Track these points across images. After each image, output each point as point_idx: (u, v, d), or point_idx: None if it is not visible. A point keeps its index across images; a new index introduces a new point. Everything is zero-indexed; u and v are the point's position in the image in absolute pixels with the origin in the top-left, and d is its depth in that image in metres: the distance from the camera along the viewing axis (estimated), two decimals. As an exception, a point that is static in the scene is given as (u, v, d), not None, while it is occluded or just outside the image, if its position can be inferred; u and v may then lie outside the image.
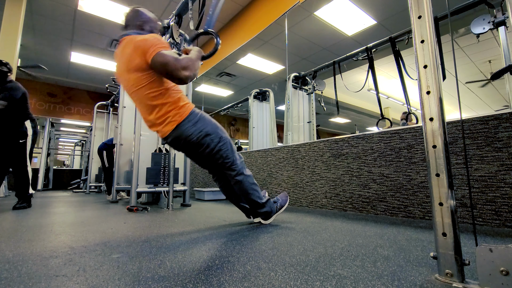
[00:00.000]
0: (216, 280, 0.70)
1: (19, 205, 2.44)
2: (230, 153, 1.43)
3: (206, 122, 1.40)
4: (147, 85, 1.30)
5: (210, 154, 1.39)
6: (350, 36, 4.18)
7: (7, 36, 3.77)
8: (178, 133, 1.35)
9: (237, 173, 1.44)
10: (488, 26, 1.92)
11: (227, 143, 1.43)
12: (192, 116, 1.37)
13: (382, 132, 1.90)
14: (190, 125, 1.35)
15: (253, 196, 1.46)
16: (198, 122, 1.37)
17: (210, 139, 1.38)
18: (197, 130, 1.35)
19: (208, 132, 1.38)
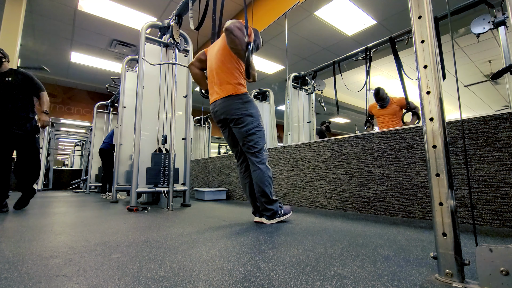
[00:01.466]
0: (216, 280, 0.70)
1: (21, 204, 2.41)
2: (261, 141, 1.60)
3: (253, 106, 1.61)
4: (228, 62, 1.60)
5: (245, 133, 1.57)
6: (350, 36, 4.18)
7: (7, 36, 3.77)
8: (227, 104, 1.58)
9: (260, 161, 1.58)
10: (488, 26, 1.92)
11: (262, 131, 1.61)
12: (245, 96, 1.60)
13: (382, 132, 1.90)
14: (240, 102, 1.57)
15: (266, 188, 1.55)
16: (247, 103, 1.58)
17: (251, 119, 1.57)
18: (244, 108, 1.57)
19: (252, 113, 1.58)
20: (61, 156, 12.77)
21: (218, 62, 1.65)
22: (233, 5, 4.41)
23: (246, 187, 1.70)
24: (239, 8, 4.50)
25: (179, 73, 2.80)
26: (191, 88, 2.91)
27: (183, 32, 2.93)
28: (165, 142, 2.60)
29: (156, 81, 2.83)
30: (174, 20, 2.70)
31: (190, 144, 3.37)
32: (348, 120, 9.71)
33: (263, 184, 1.54)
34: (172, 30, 2.62)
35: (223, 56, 1.62)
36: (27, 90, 2.40)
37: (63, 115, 7.38)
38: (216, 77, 1.65)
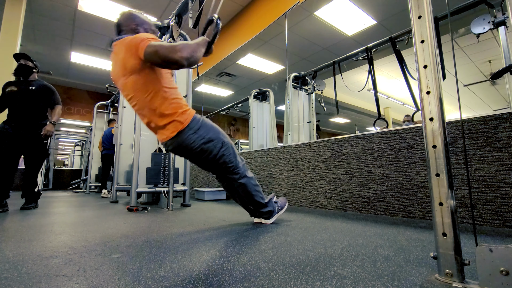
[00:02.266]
0: (216, 280, 0.70)
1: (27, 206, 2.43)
2: (232, 158, 1.44)
3: (208, 128, 1.38)
4: (144, 88, 1.28)
5: (213, 160, 1.39)
6: (350, 36, 4.18)
7: (7, 36, 3.77)
8: (179, 141, 1.32)
9: (240, 177, 1.47)
10: (488, 26, 1.92)
11: (229, 147, 1.43)
12: (193, 123, 1.34)
13: (382, 132, 1.90)
14: (192, 133, 1.33)
15: (256, 197, 1.50)
16: (200, 129, 1.35)
17: (213, 145, 1.37)
18: (200, 137, 1.34)
19: (210, 138, 1.37)
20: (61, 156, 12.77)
21: (139, 95, 1.33)
22: (233, 5, 4.41)
23: (236, 198, 1.60)
24: (239, 8, 4.50)
25: (179, 73, 2.80)
26: (191, 88, 2.91)
27: (183, 32, 2.93)
28: (165, 142, 2.60)
29: (156, 81, 2.83)
30: (174, 20, 2.70)
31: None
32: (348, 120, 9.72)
33: (251, 195, 1.48)
34: (172, 30, 2.62)
35: (141, 82, 1.31)
36: (46, 101, 2.52)
37: (63, 115, 7.37)
38: (147, 114, 1.35)
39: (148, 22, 1.52)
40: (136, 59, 1.24)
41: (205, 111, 5.96)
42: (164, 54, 1.17)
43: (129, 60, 1.25)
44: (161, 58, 1.18)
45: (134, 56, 1.23)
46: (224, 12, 4.57)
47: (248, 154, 3.21)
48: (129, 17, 1.47)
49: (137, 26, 1.45)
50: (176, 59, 1.18)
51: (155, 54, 1.18)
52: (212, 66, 5.37)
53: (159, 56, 1.18)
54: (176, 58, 1.17)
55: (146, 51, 1.20)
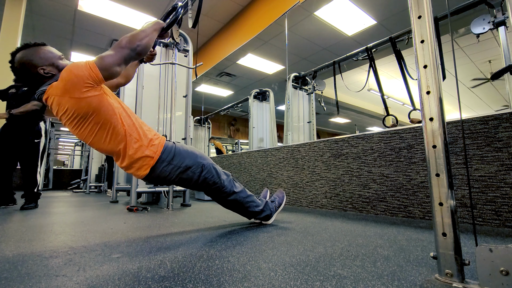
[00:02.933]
0: (216, 280, 0.70)
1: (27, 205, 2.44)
2: (216, 179, 1.34)
3: (182, 156, 1.26)
4: (100, 130, 1.12)
5: (196, 184, 1.32)
6: (350, 36, 4.18)
7: (7, 36, 3.77)
8: (155, 175, 1.22)
9: (228, 194, 1.39)
10: (488, 26, 1.92)
11: (210, 169, 1.32)
12: (165, 154, 1.22)
13: (382, 132, 1.90)
14: (165, 165, 1.21)
15: (250, 208, 1.45)
16: (174, 159, 1.23)
17: (191, 171, 1.27)
18: (175, 167, 1.23)
19: (187, 165, 1.26)
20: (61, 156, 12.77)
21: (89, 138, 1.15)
22: (233, 5, 4.41)
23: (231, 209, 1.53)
24: (239, 8, 4.50)
25: (179, 73, 2.80)
26: (191, 88, 2.91)
27: (183, 32, 2.94)
28: (165, 142, 2.60)
29: (156, 81, 2.83)
30: (174, 20, 2.70)
31: (190, 144, 3.37)
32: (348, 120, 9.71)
33: (245, 208, 1.44)
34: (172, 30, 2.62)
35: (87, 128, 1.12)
36: None
37: (63, 115, 7.36)
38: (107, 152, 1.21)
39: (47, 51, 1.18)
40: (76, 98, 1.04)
41: (205, 111, 5.96)
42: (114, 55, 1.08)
43: (67, 106, 1.05)
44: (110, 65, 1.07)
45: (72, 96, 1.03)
46: (224, 12, 4.58)
47: (248, 154, 3.21)
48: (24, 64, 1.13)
49: (40, 67, 1.13)
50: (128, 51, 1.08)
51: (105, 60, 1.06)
52: (212, 66, 5.37)
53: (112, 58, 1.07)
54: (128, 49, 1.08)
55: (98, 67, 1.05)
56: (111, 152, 1.18)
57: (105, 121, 1.11)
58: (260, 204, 1.50)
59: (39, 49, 1.17)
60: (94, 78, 1.04)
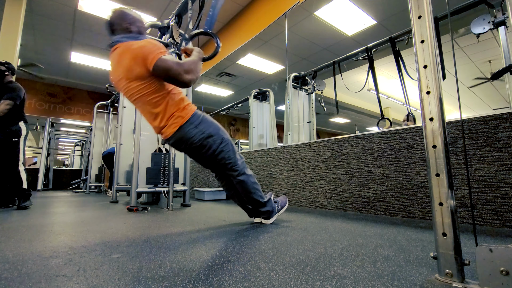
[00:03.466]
0: (216, 280, 0.70)
1: (23, 204, 2.44)
2: (231, 154, 1.45)
3: (208, 124, 1.41)
4: (149, 92, 1.31)
5: (212, 155, 1.40)
6: (350, 36, 4.18)
7: (7, 36, 3.77)
8: (180, 135, 1.35)
9: (239, 173, 1.47)
10: (488, 26, 1.92)
11: (228, 144, 1.44)
12: (194, 118, 1.37)
13: (382, 132, 1.90)
14: (192, 127, 1.35)
15: (255, 195, 1.49)
16: (200, 124, 1.38)
17: (212, 140, 1.39)
18: (200, 132, 1.36)
19: (210, 133, 1.39)
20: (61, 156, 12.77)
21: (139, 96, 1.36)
22: (233, 5, 4.41)
23: (234, 197, 1.62)
24: (239, 8, 4.50)
25: (179, 73, 2.79)
26: (191, 88, 2.90)
27: (183, 32, 2.93)
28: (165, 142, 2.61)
29: (156, 81, 2.83)
30: (174, 20, 2.70)
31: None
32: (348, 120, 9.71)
33: (250, 193, 1.48)
34: (172, 30, 2.62)
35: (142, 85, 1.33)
36: None
37: (63, 115, 7.37)
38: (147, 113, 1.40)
39: (140, 19, 1.53)
40: (143, 68, 1.26)
41: (205, 111, 5.95)
42: (174, 75, 1.24)
43: (135, 68, 1.27)
44: (170, 77, 1.25)
45: (141, 66, 1.26)
46: (224, 12, 4.57)
47: (248, 154, 3.21)
48: (121, 15, 1.50)
49: (130, 25, 1.48)
50: (185, 81, 1.26)
51: (165, 72, 1.24)
52: (212, 66, 5.37)
53: (169, 75, 1.25)
54: (185, 80, 1.26)
55: (156, 65, 1.23)
56: (154, 113, 1.36)
57: (160, 87, 1.33)
58: (265, 197, 1.54)
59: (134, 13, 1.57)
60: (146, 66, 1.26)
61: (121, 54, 1.33)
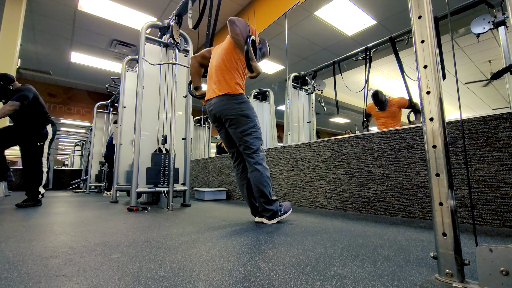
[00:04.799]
0: (216, 280, 0.70)
1: (24, 203, 2.45)
2: (257, 142, 1.57)
3: (249, 107, 1.59)
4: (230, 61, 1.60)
5: (240, 133, 1.55)
6: (350, 36, 4.18)
7: (7, 36, 3.77)
8: (223, 103, 1.55)
9: (256, 162, 1.55)
10: (488, 26, 1.92)
11: (258, 131, 1.59)
12: (240, 97, 1.57)
13: (382, 132, 1.90)
14: (236, 102, 1.55)
15: (265, 189, 1.53)
16: (243, 103, 1.56)
17: (246, 120, 1.55)
18: (239, 108, 1.54)
19: (247, 114, 1.56)
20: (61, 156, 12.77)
21: (219, 60, 1.64)
22: (233, 5, 4.41)
23: (244, 188, 1.68)
24: (239, 8, 4.50)
25: (179, 73, 2.79)
26: (191, 88, 2.90)
27: (183, 32, 2.93)
28: (165, 142, 2.60)
29: (156, 81, 2.83)
30: (174, 20, 2.70)
31: (190, 144, 3.37)
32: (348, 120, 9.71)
33: (261, 184, 1.53)
34: (172, 30, 2.62)
35: (226, 55, 1.62)
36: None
37: (63, 115, 7.37)
38: (215, 75, 1.63)
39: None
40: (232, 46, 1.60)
41: (205, 111, 5.96)
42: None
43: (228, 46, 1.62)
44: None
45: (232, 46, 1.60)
46: (224, 12, 4.57)
47: (248, 154, 3.21)
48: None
49: None
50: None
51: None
52: (212, 66, 5.36)
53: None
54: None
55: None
56: (225, 74, 1.59)
57: (238, 59, 1.60)
58: (273, 196, 1.59)
59: None
60: None
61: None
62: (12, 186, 5.46)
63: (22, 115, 2.48)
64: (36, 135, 2.53)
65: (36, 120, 2.55)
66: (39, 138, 2.54)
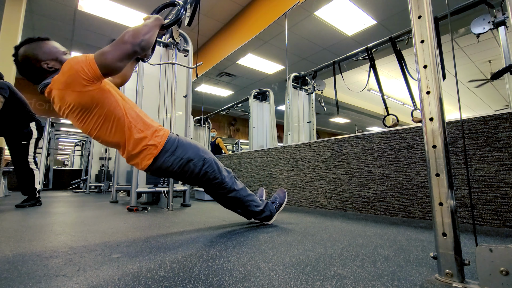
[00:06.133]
0: (216, 280, 0.70)
1: (24, 203, 2.45)
2: (217, 174, 1.35)
3: (185, 148, 1.29)
4: (105, 122, 1.13)
5: (197, 178, 1.32)
6: (350, 36, 4.18)
7: (7, 36, 3.77)
8: (157, 166, 1.24)
9: (228, 191, 1.38)
10: (488, 26, 1.92)
11: (212, 164, 1.34)
12: (168, 145, 1.25)
13: (382, 132, 1.90)
14: (168, 155, 1.24)
15: (250, 207, 1.43)
16: (176, 150, 1.26)
17: (193, 164, 1.28)
18: (177, 158, 1.25)
19: (189, 157, 1.28)
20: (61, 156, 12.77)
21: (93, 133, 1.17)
22: (233, 5, 4.41)
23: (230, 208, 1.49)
24: (239, 8, 4.50)
25: (179, 73, 2.80)
26: (191, 88, 2.91)
27: (183, 32, 2.93)
28: (165, 142, 2.60)
29: (156, 81, 2.83)
30: (174, 20, 2.70)
31: (190, 144, 3.36)
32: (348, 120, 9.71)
33: (244, 207, 1.43)
34: (172, 30, 2.62)
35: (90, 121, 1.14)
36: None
37: (63, 115, 7.36)
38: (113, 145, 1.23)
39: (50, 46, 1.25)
40: (80, 91, 1.04)
41: (205, 111, 5.96)
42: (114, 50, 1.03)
43: (71, 99, 1.05)
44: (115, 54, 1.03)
45: (75, 90, 1.03)
46: (224, 12, 4.57)
47: (248, 154, 3.21)
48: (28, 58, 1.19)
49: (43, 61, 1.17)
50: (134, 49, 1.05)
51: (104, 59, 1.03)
52: (212, 66, 5.37)
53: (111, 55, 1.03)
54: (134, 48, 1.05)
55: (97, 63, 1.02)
56: (116, 143, 1.20)
57: (109, 113, 1.12)
58: (261, 204, 1.48)
59: (43, 44, 1.21)
60: (93, 74, 1.02)
61: (53, 98, 1.11)
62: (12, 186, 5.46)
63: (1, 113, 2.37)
64: (18, 134, 2.47)
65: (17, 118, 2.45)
66: (22, 137, 2.49)
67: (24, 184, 2.52)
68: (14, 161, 2.51)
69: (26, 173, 2.52)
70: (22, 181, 2.52)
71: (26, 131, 2.51)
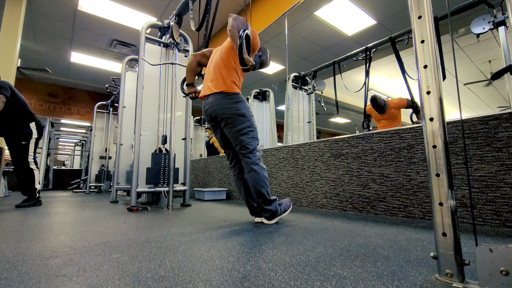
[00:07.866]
0: (216, 280, 0.70)
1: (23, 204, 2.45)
2: (253, 141, 1.55)
3: (245, 106, 1.57)
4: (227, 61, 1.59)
5: (236, 132, 1.53)
6: (350, 36, 4.18)
7: (7, 36, 3.77)
8: (219, 101, 1.54)
9: (253, 162, 1.53)
10: (488, 26, 1.92)
11: (254, 131, 1.57)
12: (237, 96, 1.56)
13: (382, 132, 1.90)
14: (232, 101, 1.54)
15: (263, 189, 1.51)
16: (239, 103, 1.54)
17: (242, 119, 1.53)
18: (235, 108, 1.53)
19: (243, 113, 1.54)
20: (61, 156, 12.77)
21: (218, 58, 1.64)
22: (233, 5, 4.41)
23: (241, 189, 1.66)
24: (239, 8, 4.50)
25: (179, 73, 2.79)
26: (191, 88, 2.90)
27: (183, 32, 2.93)
28: (165, 142, 2.60)
29: (156, 81, 2.83)
30: (174, 20, 2.70)
31: (190, 144, 3.37)
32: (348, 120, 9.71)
33: (259, 185, 1.50)
34: (172, 30, 2.62)
35: (224, 54, 1.61)
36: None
37: (63, 115, 7.37)
38: (212, 72, 1.62)
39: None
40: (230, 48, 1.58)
41: (205, 111, 5.95)
42: None
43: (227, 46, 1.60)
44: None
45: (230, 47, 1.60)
46: (224, 12, 4.57)
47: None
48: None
49: None
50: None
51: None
52: (212, 66, 5.36)
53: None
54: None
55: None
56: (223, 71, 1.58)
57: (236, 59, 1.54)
58: (272, 196, 1.56)
59: None
60: None
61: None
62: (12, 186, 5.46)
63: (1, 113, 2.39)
64: (18, 134, 2.47)
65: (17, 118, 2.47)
66: (22, 137, 2.49)
67: (24, 184, 2.51)
68: (14, 161, 2.50)
69: (26, 173, 2.51)
70: (22, 181, 2.51)
71: (26, 131, 2.51)
